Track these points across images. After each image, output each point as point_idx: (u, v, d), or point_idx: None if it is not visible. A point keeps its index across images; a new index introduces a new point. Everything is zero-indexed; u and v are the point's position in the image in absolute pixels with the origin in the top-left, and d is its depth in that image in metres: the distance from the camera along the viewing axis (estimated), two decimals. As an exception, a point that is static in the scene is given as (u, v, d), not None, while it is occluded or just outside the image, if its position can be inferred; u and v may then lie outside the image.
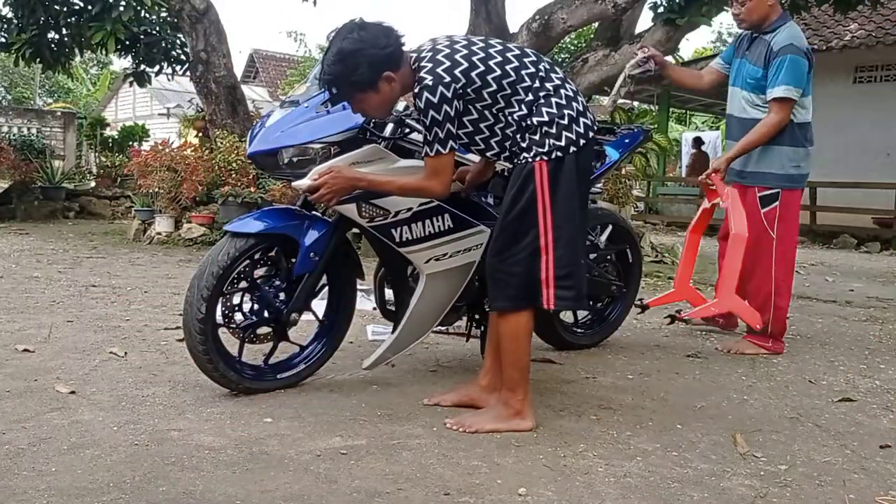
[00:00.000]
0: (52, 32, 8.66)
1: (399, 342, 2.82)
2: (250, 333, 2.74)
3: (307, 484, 1.98)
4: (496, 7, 7.20)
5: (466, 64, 2.34)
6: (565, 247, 2.38)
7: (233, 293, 2.68)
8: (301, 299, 2.70)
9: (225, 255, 2.57)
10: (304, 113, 2.63)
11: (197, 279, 2.57)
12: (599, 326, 3.70)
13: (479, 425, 2.42)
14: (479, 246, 2.75)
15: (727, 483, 2.10)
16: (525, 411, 2.47)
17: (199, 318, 2.54)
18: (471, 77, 2.34)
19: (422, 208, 2.64)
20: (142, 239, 7.83)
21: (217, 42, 8.13)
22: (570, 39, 14.46)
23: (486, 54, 2.39)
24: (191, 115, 12.87)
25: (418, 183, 2.46)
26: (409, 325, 2.78)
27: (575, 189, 2.41)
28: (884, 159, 11.53)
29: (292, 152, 2.63)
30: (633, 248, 3.72)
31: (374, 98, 2.38)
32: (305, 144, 2.60)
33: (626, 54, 6.99)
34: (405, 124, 2.68)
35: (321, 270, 2.71)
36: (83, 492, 1.88)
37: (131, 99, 24.49)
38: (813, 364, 3.51)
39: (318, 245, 2.66)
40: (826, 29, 12.15)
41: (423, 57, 2.36)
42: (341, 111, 2.59)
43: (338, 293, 2.90)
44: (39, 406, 2.51)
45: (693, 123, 24.92)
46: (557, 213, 2.37)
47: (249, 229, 2.62)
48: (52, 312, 4.06)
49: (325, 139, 2.60)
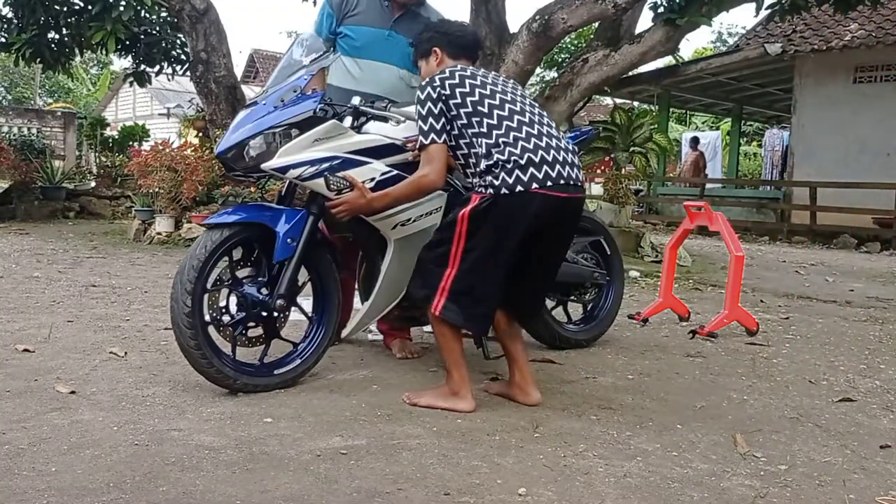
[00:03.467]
0: (52, 32, 8.65)
1: (374, 307, 2.99)
2: (241, 333, 2.78)
3: (307, 484, 1.98)
4: (496, 7, 7.19)
5: (457, 81, 2.64)
6: (469, 270, 2.55)
7: (217, 292, 2.74)
8: (284, 286, 2.75)
9: (202, 249, 2.65)
10: (263, 109, 2.79)
11: (179, 275, 2.64)
12: (591, 323, 3.71)
13: (419, 400, 2.66)
14: (439, 209, 2.94)
15: (727, 483, 2.10)
16: (461, 392, 2.63)
17: (185, 311, 2.59)
18: (454, 92, 2.62)
19: (384, 177, 2.80)
20: (142, 239, 7.83)
21: (217, 42, 8.12)
22: (570, 39, 14.46)
23: (487, 91, 2.65)
24: (191, 115, 12.89)
25: (415, 178, 2.69)
26: (382, 290, 2.96)
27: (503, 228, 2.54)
28: (884, 159, 11.53)
29: (257, 144, 2.74)
30: (608, 239, 3.74)
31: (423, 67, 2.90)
32: (268, 130, 2.73)
33: (626, 54, 7.00)
34: (361, 112, 2.89)
35: (301, 257, 2.78)
36: (83, 492, 1.88)
37: (131, 99, 24.50)
38: (813, 364, 3.51)
39: (294, 231, 2.75)
40: (826, 29, 12.15)
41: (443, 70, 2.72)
42: (297, 101, 2.77)
43: (321, 286, 2.95)
44: (39, 406, 2.51)
45: (693, 123, 24.92)
46: (473, 240, 2.55)
47: (225, 220, 2.73)
48: (53, 312, 4.06)
49: (285, 122, 2.75)
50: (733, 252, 4.07)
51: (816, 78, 12.43)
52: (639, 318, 4.34)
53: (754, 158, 22.84)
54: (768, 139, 16.54)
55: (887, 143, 11.51)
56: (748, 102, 17.02)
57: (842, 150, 11.92)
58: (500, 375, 3.05)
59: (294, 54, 2.95)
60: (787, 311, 4.98)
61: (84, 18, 8.14)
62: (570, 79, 7.16)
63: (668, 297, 4.40)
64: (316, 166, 2.71)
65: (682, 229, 4.47)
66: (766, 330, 4.25)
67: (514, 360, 2.78)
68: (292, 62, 2.92)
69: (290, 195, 2.93)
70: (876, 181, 10.87)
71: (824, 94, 12.28)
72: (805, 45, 12.04)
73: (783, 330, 4.32)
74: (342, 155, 2.75)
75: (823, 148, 12.14)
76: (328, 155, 2.73)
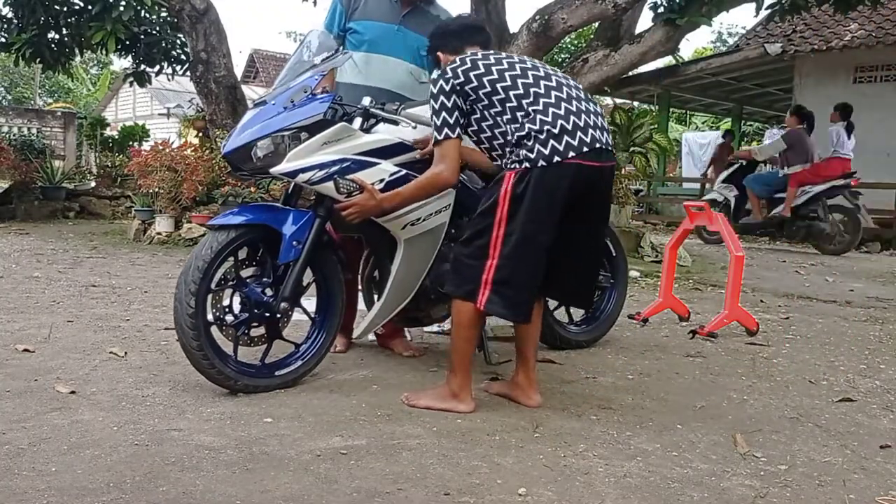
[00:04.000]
0: (52, 32, 8.65)
1: (385, 308, 2.98)
2: (244, 333, 2.77)
3: (307, 484, 1.98)
4: (496, 7, 7.19)
5: (469, 66, 2.55)
6: (510, 256, 2.46)
7: (221, 292, 2.73)
8: (289, 288, 2.73)
9: (208, 250, 2.63)
10: (273, 109, 2.75)
11: (183, 276, 2.62)
12: (593, 324, 3.71)
13: (418, 401, 2.64)
14: (448, 207, 2.93)
15: (727, 483, 2.10)
16: (462, 395, 2.61)
17: (189, 313, 2.58)
18: (469, 77, 2.54)
19: (393, 178, 2.78)
20: (142, 239, 7.83)
21: (217, 42, 8.12)
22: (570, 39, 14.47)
23: (504, 65, 2.57)
24: (191, 115, 12.90)
25: (428, 175, 2.64)
26: (393, 290, 2.95)
27: (543, 204, 2.46)
28: (884, 159, 11.53)
29: (265, 146, 2.71)
30: (614, 240, 3.73)
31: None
32: (277, 132, 2.70)
33: (626, 54, 7.00)
34: (371, 114, 2.85)
35: (306, 259, 2.76)
36: (83, 492, 1.88)
37: (131, 99, 24.50)
38: (813, 364, 3.51)
39: (300, 233, 2.73)
40: (826, 29, 12.15)
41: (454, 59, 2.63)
42: (306, 103, 2.74)
43: (326, 288, 2.93)
44: (39, 406, 2.51)
45: (693, 123, 24.92)
46: (513, 222, 2.46)
47: (231, 221, 2.70)
48: (53, 312, 4.06)
49: (294, 126, 2.72)
50: (733, 252, 4.08)
51: (816, 78, 12.43)
52: (639, 318, 4.34)
53: (754, 158, 22.80)
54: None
55: (887, 143, 11.51)
56: (748, 102, 17.03)
57: (842, 149, 11.92)
58: (500, 376, 3.05)
59: (305, 52, 2.90)
60: (787, 311, 4.98)
61: (84, 18, 8.14)
62: (570, 79, 7.16)
63: (668, 297, 4.41)
64: (325, 170, 2.68)
65: (682, 229, 4.48)
66: (766, 330, 4.25)
67: (524, 360, 2.74)
68: (303, 60, 2.88)
69: (295, 195, 2.90)
70: (876, 181, 10.87)
71: (824, 94, 12.26)
72: (805, 45, 12.04)
73: (783, 330, 4.32)
74: (351, 157, 2.72)
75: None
76: (337, 158, 2.70)
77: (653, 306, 4.41)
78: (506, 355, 3.34)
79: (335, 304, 2.93)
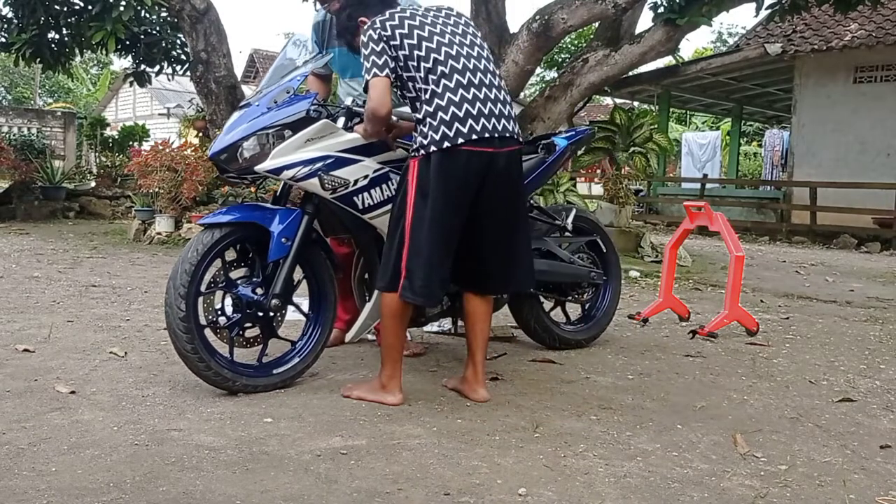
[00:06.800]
0: (52, 32, 8.64)
1: (376, 308, 2.97)
2: (238, 334, 2.78)
3: (307, 484, 1.98)
4: (496, 7, 7.19)
5: (397, 22, 2.60)
6: (416, 242, 2.53)
7: (212, 295, 2.74)
8: (280, 285, 2.75)
9: (194, 252, 2.65)
10: (257, 110, 2.81)
11: (172, 280, 2.64)
12: (589, 323, 3.71)
13: (352, 392, 2.71)
14: None
15: (727, 483, 2.10)
16: (390, 386, 2.66)
17: (180, 316, 2.59)
18: (394, 34, 2.57)
19: (376, 174, 2.83)
20: (142, 239, 7.83)
21: (217, 42, 8.11)
22: (570, 39, 14.48)
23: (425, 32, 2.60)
24: (191, 115, 12.88)
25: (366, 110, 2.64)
26: None
27: (442, 189, 2.51)
28: (884, 159, 11.53)
29: (251, 146, 2.74)
30: (604, 238, 3.73)
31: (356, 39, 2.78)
32: (262, 131, 2.74)
33: (626, 54, 6.99)
34: (354, 113, 2.86)
35: (296, 256, 2.78)
36: (83, 492, 1.88)
37: (131, 99, 24.52)
38: (813, 364, 3.51)
39: (289, 230, 2.76)
40: (826, 29, 12.15)
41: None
42: (290, 102, 2.79)
43: (317, 284, 2.95)
44: (39, 406, 2.52)
45: (693, 123, 24.92)
46: (420, 210, 2.53)
47: (219, 220, 2.73)
48: (53, 312, 4.06)
49: (278, 123, 2.76)
50: (733, 252, 4.09)
51: (816, 78, 12.43)
52: (639, 318, 4.34)
53: (754, 158, 22.84)
54: (768, 139, 16.54)
55: (887, 143, 11.52)
56: (748, 102, 17.03)
57: (842, 150, 11.93)
58: (500, 375, 3.05)
59: (288, 55, 2.97)
60: (787, 311, 4.98)
61: (84, 18, 8.14)
62: (570, 79, 7.16)
63: (668, 297, 4.41)
64: (309, 166, 2.72)
65: (683, 229, 4.49)
66: (766, 330, 4.25)
67: (471, 354, 2.77)
68: (286, 62, 2.95)
69: (285, 196, 2.94)
70: (876, 181, 10.88)
71: (824, 93, 12.28)
72: (805, 45, 12.04)
73: (783, 330, 4.32)
74: (335, 154, 2.77)
75: (823, 148, 12.16)
76: (321, 154, 2.74)
77: (653, 306, 4.41)
78: (505, 355, 3.34)
79: (328, 299, 2.95)
